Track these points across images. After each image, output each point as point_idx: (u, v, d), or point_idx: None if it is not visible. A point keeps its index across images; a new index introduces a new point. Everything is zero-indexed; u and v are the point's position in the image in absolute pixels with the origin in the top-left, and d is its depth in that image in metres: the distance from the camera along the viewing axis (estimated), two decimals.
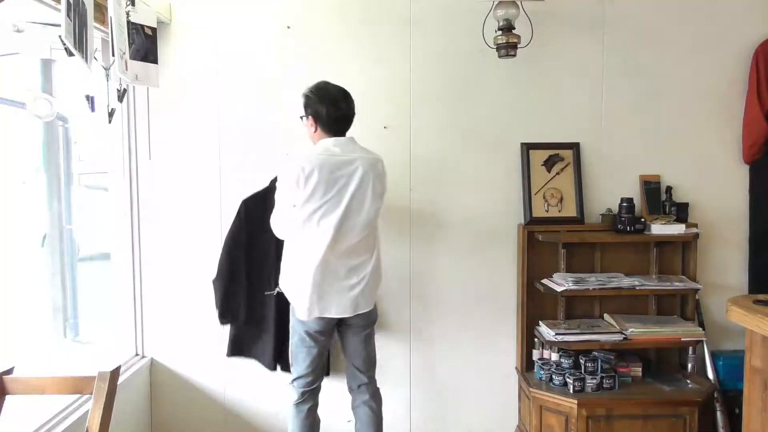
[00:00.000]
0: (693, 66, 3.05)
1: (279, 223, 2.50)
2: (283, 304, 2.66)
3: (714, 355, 3.00)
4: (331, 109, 2.43)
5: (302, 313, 2.43)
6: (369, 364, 2.62)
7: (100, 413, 1.78)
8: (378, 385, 2.66)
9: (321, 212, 2.37)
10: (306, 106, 2.49)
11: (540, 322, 2.97)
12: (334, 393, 2.86)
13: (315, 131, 2.49)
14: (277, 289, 2.60)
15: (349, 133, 2.52)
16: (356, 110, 2.53)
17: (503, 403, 3.13)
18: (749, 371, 2.08)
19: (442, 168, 3.06)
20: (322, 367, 2.57)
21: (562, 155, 3.05)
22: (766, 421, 1.99)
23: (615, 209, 3.00)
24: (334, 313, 2.44)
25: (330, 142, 2.45)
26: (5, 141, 2.87)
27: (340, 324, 2.52)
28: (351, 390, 2.64)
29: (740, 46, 3.05)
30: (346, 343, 2.59)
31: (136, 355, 3.07)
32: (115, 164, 3.01)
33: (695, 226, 2.99)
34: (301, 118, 2.54)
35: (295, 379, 2.54)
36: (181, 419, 3.09)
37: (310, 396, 2.54)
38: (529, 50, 2.87)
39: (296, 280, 2.44)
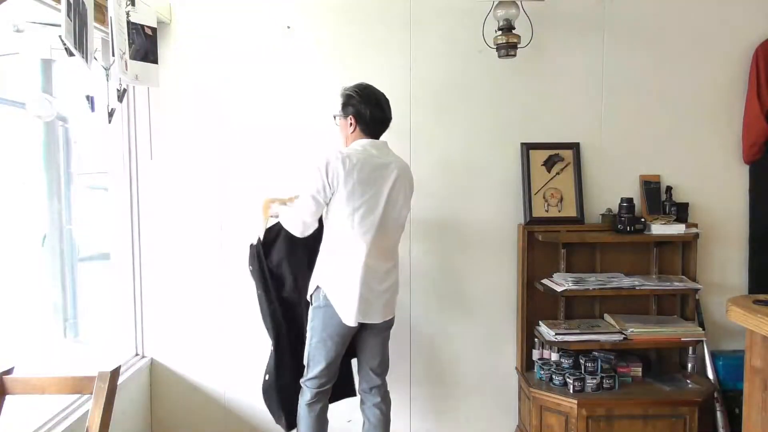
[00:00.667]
0: (693, 66, 3.06)
1: (301, 217, 2.41)
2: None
3: (714, 355, 3.00)
4: (375, 110, 2.43)
5: (348, 318, 2.39)
6: (384, 367, 2.62)
7: (100, 413, 1.78)
8: (388, 388, 2.66)
9: (361, 212, 2.35)
10: (346, 105, 2.45)
11: (540, 322, 2.97)
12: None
13: (353, 131, 2.46)
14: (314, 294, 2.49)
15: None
16: None
17: (503, 403, 3.13)
18: (749, 371, 2.08)
19: (441, 168, 3.06)
20: (336, 369, 2.55)
21: (562, 155, 3.05)
22: (766, 421, 1.99)
23: (615, 209, 3.00)
24: (375, 319, 2.44)
25: (367, 143, 2.44)
26: (5, 141, 2.86)
27: (362, 326, 2.49)
28: (362, 392, 2.63)
29: (740, 46, 3.05)
30: (365, 346, 2.56)
31: (136, 355, 3.07)
32: (115, 164, 3.01)
33: (695, 226, 2.99)
34: (335, 117, 2.53)
35: (309, 379, 2.51)
36: (181, 419, 3.09)
37: (322, 396, 2.54)
38: (529, 50, 2.87)
39: (341, 285, 2.40)
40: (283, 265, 2.63)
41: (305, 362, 2.53)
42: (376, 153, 2.42)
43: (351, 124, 2.45)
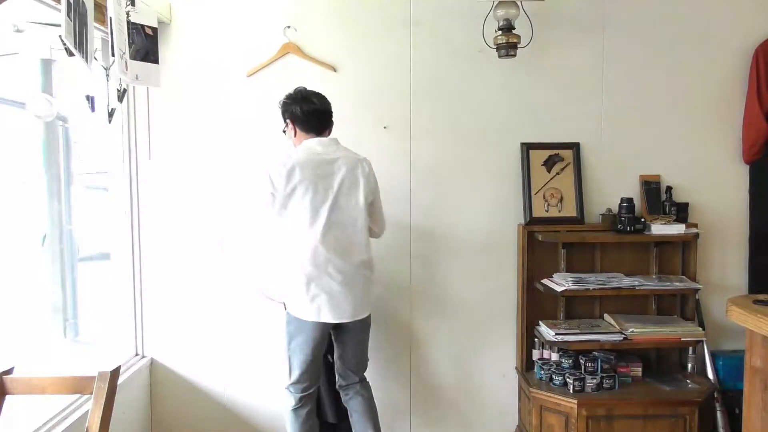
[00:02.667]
0: (693, 66, 3.05)
1: (265, 227, 2.51)
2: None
3: (714, 355, 2.99)
4: (304, 105, 2.48)
5: (304, 313, 2.41)
6: (362, 366, 2.64)
7: (100, 413, 1.78)
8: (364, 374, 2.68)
9: (308, 210, 2.38)
10: (284, 113, 2.54)
11: (540, 322, 2.97)
12: None
13: (295, 134, 2.53)
14: (271, 298, 2.57)
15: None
16: (355, 110, 2.54)
17: (503, 403, 3.13)
18: (749, 371, 2.08)
19: (442, 168, 3.06)
20: (318, 372, 2.56)
21: (562, 155, 3.05)
22: (766, 421, 1.99)
23: (615, 209, 3.00)
24: (334, 318, 2.42)
25: (313, 142, 2.48)
26: (5, 141, 2.86)
27: (336, 328, 2.51)
28: (341, 387, 2.64)
29: (740, 46, 3.04)
30: (343, 348, 2.57)
31: (136, 355, 3.07)
32: (115, 164, 3.01)
33: (695, 226, 2.99)
34: (284, 131, 2.59)
35: (292, 384, 2.52)
36: (181, 419, 3.09)
37: (307, 400, 2.53)
38: (529, 50, 2.87)
39: (292, 283, 2.43)
40: None
41: (288, 367, 2.52)
42: (321, 150, 2.45)
43: (291, 128, 2.53)
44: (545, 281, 2.92)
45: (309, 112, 2.48)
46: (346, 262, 2.43)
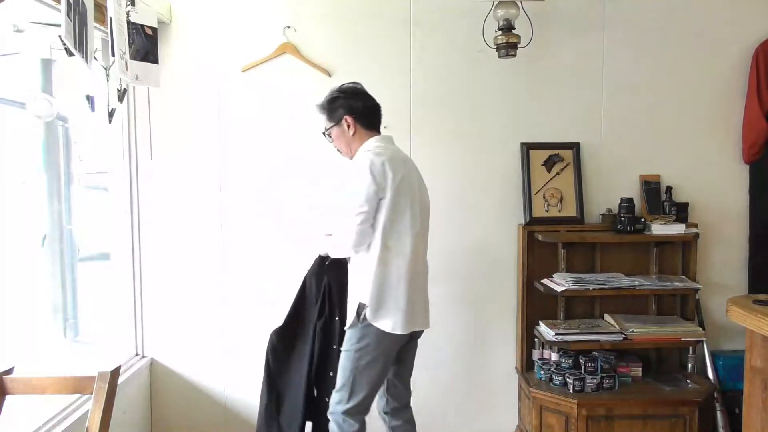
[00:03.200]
0: (693, 66, 3.06)
1: (354, 231, 2.15)
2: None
3: (714, 355, 3.00)
4: (365, 99, 2.31)
5: (395, 324, 2.18)
6: (410, 379, 2.49)
7: (100, 413, 1.78)
8: None
9: (408, 211, 2.19)
10: (336, 109, 2.28)
11: (540, 322, 2.97)
12: None
13: (354, 132, 2.28)
14: (364, 312, 2.20)
15: None
16: None
17: (503, 403, 3.13)
18: (749, 371, 2.08)
19: (441, 168, 3.05)
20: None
21: (562, 155, 3.05)
22: (766, 421, 1.99)
23: (615, 209, 3.00)
24: (425, 324, 2.30)
25: (383, 138, 2.30)
26: (5, 141, 2.86)
27: (409, 337, 2.30)
28: (392, 410, 2.41)
29: (740, 46, 3.05)
30: (406, 359, 2.39)
31: (136, 355, 3.07)
32: (115, 164, 3.01)
33: (695, 226, 2.99)
34: (327, 134, 2.35)
35: (355, 406, 2.22)
36: (181, 419, 3.09)
37: (365, 420, 2.29)
38: (529, 50, 2.87)
39: (391, 295, 2.18)
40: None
41: (347, 390, 2.23)
42: (394, 147, 2.31)
43: (349, 125, 2.27)
44: (545, 281, 2.92)
45: (373, 107, 2.31)
46: (424, 265, 2.35)
